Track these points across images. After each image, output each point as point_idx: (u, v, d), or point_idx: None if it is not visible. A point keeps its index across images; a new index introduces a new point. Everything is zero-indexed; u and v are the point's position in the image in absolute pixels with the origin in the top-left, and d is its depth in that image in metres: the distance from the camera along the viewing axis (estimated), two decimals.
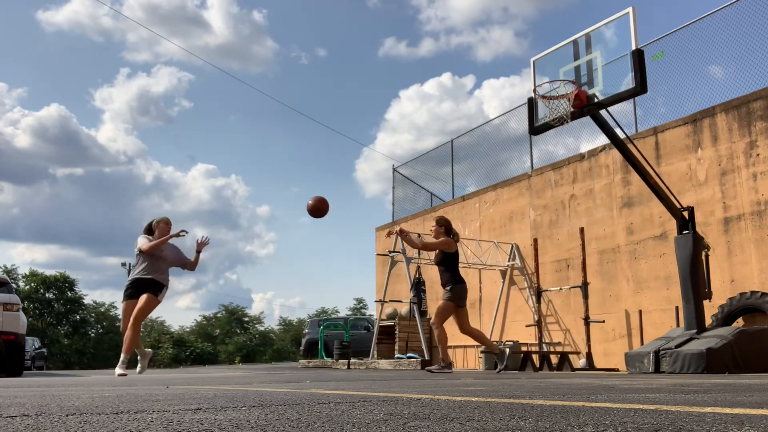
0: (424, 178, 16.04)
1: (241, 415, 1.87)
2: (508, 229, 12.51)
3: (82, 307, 50.60)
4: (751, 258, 8.33)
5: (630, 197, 10.06)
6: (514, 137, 13.08)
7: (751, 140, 8.49)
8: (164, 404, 2.34)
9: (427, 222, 14.89)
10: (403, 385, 3.91)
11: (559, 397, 2.53)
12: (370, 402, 2.34)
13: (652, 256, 9.60)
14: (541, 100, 7.38)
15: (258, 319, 58.48)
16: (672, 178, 9.25)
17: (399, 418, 1.74)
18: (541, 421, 1.62)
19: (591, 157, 10.91)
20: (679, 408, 1.99)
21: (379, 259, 16.14)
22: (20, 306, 9.44)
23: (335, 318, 26.79)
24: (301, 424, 1.59)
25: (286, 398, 2.62)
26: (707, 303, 7.58)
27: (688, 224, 7.54)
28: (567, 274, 11.02)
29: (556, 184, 11.53)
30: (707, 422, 1.56)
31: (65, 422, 1.71)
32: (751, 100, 8.54)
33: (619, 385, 3.72)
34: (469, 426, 1.53)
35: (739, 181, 8.56)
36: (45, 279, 48.40)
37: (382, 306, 13.58)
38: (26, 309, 38.91)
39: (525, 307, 11.93)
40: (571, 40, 7.37)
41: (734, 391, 2.88)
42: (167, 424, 1.61)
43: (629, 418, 1.69)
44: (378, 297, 15.04)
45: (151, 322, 56.57)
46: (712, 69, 9.63)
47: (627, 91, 6.84)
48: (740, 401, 2.27)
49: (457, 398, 2.52)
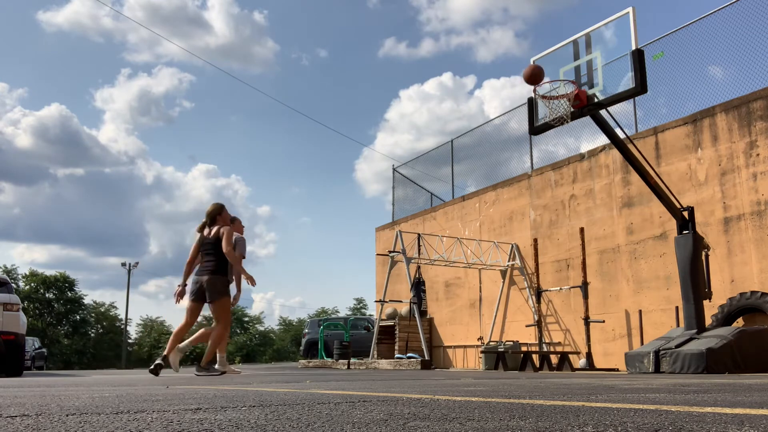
0: (424, 178, 16.05)
1: (241, 415, 1.87)
2: (508, 229, 12.51)
3: (82, 307, 50.62)
4: (751, 258, 8.33)
5: (630, 197, 10.07)
6: (514, 137, 13.09)
7: (751, 140, 8.49)
8: (164, 404, 2.34)
9: (427, 222, 14.89)
10: (403, 385, 3.91)
11: (559, 397, 2.53)
12: (370, 402, 2.34)
13: (652, 256, 9.60)
14: (541, 100, 7.37)
15: (258, 319, 58.51)
16: (672, 178, 9.25)
17: (399, 418, 1.74)
18: (541, 421, 1.62)
19: (591, 157, 10.91)
20: (679, 408, 1.99)
21: (379, 259, 16.14)
22: (20, 306, 9.44)
23: (335, 318, 26.78)
24: (301, 424, 1.59)
25: (286, 398, 2.62)
26: (707, 303, 7.58)
27: (688, 224, 7.54)
28: (567, 274, 11.02)
29: (556, 184, 11.53)
30: (707, 422, 1.56)
31: (65, 422, 1.71)
32: (751, 100, 8.54)
33: (619, 385, 3.72)
34: (469, 426, 1.53)
35: (739, 181, 8.56)
36: (45, 279, 48.41)
37: (382, 306, 13.58)
38: (26, 309, 38.94)
39: (525, 307, 11.93)
40: (571, 40, 7.37)
41: (734, 391, 2.88)
42: (167, 424, 1.61)
43: (629, 418, 1.69)
44: (378, 297, 15.04)
45: (151, 321, 56.65)
46: (712, 69, 9.64)
47: (627, 91, 6.84)
48: (740, 401, 2.27)
49: (457, 398, 2.52)
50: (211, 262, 6.86)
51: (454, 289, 13.77)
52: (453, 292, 13.78)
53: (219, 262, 6.85)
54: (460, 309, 13.51)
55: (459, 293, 13.56)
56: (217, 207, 7.15)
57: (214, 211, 7.10)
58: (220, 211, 7.11)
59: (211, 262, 6.86)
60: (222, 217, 7.10)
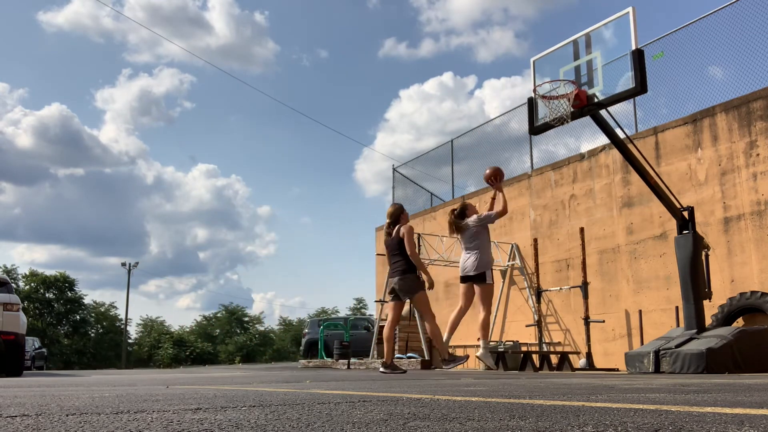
0: (424, 178, 16.04)
1: (241, 415, 1.87)
2: (508, 229, 12.51)
3: (82, 307, 50.62)
4: (751, 258, 8.33)
5: (630, 197, 10.06)
6: (514, 137, 13.09)
7: (751, 140, 8.49)
8: (164, 404, 2.34)
9: (427, 222, 14.88)
10: (403, 385, 3.91)
11: (559, 397, 2.53)
12: (370, 402, 2.34)
13: (652, 256, 9.60)
14: (541, 100, 7.36)
15: (258, 319, 58.52)
16: (672, 178, 9.25)
17: (399, 418, 1.74)
18: (541, 421, 1.62)
19: (591, 157, 10.91)
20: (679, 408, 1.99)
21: (379, 259, 16.14)
22: (20, 306, 9.44)
23: (335, 318, 26.77)
24: (301, 424, 1.59)
25: (286, 398, 2.62)
26: (707, 303, 7.58)
27: (688, 224, 7.54)
28: (567, 274, 11.02)
29: (556, 184, 11.52)
30: (707, 422, 1.56)
31: (65, 422, 1.71)
32: (751, 100, 8.53)
33: (619, 385, 3.72)
34: (469, 426, 1.53)
35: (739, 181, 8.56)
36: (45, 279, 48.40)
37: (382, 306, 13.58)
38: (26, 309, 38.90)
39: (525, 307, 11.93)
40: (571, 40, 7.36)
41: (734, 391, 2.88)
42: (167, 424, 1.61)
43: (629, 418, 1.69)
44: (378, 297, 15.04)
45: (151, 321, 56.66)
46: (712, 69, 9.64)
47: (627, 91, 6.83)
48: (740, 401, 2.26)
49: (457, 398, 2.52)
50: (399, 262, 7.17)
51: (454, 289, 13.77)
52: (453, 292, 13.78)
53: (406, 261, 7.15)
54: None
55: (459, 293, 13.54)
56: (398, 208, 7.42)
57: (395, 212, 7.38)
58: (401, 212, 7.38)
59: (398, 263, 7.18)
60: (403, 216, 7.36)
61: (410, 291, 7.05)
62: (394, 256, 7.21)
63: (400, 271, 7.09)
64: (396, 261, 7.17)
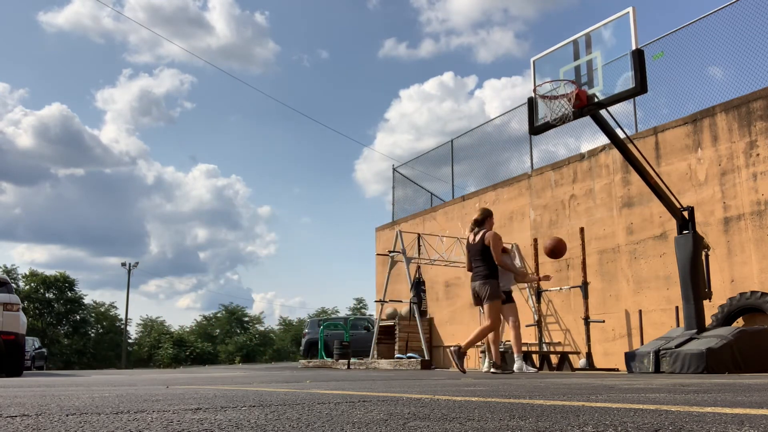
0: (424, 178, 16.04)
1: (241, 415, 1.87)
2: (508, 229, 12.51)
3: (82, 307, 50.61)
4: (751, 258, 8.33)
5: (630, 197, 10.06)
6: (514, 137, 13.08)
7: (751, 140, 8.48)
8: (164, 404, 2.34)
9: (427, 222, 14.88)
10: (403, 385, 3.91)
11: (559, 397, 2.53)
12: (370, 402, 2.34)
13: (652, 256, 9.60)
14: (542, 100, 7.36)
15: (258, 319, 58.52)
16: (672, 178, 9.25)
17: (399, 418, 1.74)
18: (541, 421, 1.62)
19: (591, 157, 10.91)
20: (679, 408, 1.99)
21: (379, 259, 16.14)
22: (20, 306, 9.44)
23: (335, 318, 26.78)
24: (301, 424, 1.59)
25: (286, 398, 2.62)
26: (707, 303, 7.57)
27: (688, 224, 7.54)
28: (567, 274, 11.02)
29: (556, 184, 11.52)
30: (707, 422, 1.56)
31: (65, 422, 1.71)
32: (751, 100, 8.53)
33: (619, 385, 3.72)
34: (469, 426, 1.53)
35: (739, 181, 8.56)
36: (45, 279, 48.40)
37: (382, 306, 13.58)
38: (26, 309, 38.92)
39: (525, 307, 11.92)
40: (571, 40, 7.36)
41: (734, 391, 2.88)
42: (167, 424, 1.61)
43: (629, 418, 1.69)
44: (378, 297, 15.03)
45: (151, 321, 56.68)
46: (712, 69, 9.64)
47: (627, 91, 6.83)
48: (740, 401, 2.26)
49: (457, 398, 2.52)
50: (481, 267, 7.28)
51: (454, 289, 13.77)
52: (453, 292, 13.78)
53: (488, 266, 7.24)
54: (460, 309, 13.51)
55: (459, 293, 13.55)
56: (487, 212, 7.53)
57: (484, 215, 7.49)
58: (489, 216, 7.49)
59: (480, 267, 7.28)
60: (489, 221, 7.46)
61: (489, 297, 7.18)
62: (476, 260, 7.33)
63: (482, 276, 7.22)
64: (478, 266, 7.30)
